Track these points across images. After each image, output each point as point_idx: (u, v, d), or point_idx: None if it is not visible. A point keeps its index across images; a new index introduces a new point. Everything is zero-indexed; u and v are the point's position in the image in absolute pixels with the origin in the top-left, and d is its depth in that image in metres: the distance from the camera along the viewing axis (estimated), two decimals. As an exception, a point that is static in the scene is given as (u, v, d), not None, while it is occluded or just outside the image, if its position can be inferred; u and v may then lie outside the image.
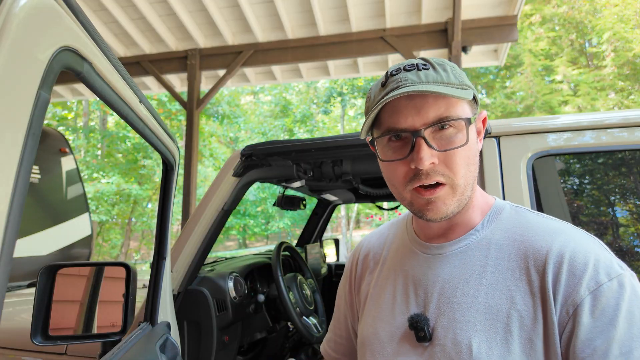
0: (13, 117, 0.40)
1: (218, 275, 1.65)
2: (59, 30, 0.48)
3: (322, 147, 1.42)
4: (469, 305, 0.66)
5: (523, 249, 0.67)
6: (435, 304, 0.69)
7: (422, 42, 4.82)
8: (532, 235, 0.68)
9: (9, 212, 0.39)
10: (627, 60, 11.78)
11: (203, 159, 14.37)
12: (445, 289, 0.69)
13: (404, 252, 0.80)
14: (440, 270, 0.72)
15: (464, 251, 0.71)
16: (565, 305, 0.60)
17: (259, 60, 5.34)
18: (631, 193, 1.12)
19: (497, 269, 0.67)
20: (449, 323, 0.67)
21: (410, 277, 0.75)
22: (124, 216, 13.40)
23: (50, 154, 3.81)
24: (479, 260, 0.69)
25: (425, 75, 0.65)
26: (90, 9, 5.05)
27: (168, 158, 1.09)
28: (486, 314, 0.64)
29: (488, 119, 0.79)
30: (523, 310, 0.63)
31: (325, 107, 15.36)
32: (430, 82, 0.65)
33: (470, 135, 0.66)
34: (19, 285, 2.79)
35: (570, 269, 0.61)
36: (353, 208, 15.95)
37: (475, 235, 0.72)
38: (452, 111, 0.65)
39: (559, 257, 0.63)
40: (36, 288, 0.87)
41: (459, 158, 0.65)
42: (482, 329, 0.64)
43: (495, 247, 0.69)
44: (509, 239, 0.69)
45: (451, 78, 0.66)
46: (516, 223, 0.71)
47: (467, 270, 0.69)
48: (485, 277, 0.67)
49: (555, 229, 0.67)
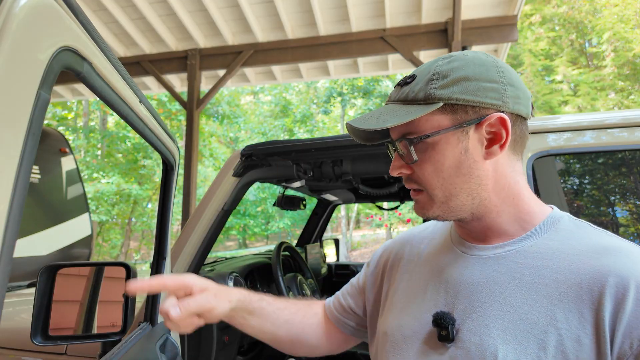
0: (13, 117, 0.40)
1: (218, 275, 1.65)
2: (59, 30, 0.48)
3: (322, 147, 1.43)
4: (503, 312, 0.62)
5: (576, 264, 0.60)
6: (465, 305, 0.66)
7: (422, 42, 4.82)
8: (590, 251, 0.61)
9: (9, 212, 0.39)
10: (627, 60, 11.79)
11: (203, 159, 14.36)
12: (479, 292, 0.65)
13: (442, 248, 0.77)
14: (477, 272, 0.68)
15: (507, 256, 0.66)
16: (630, 337, 0.54)
17: (259, 60, 5.34)
18: (631, 193, 1.12)
19: (541, 281, 0.61)
20: (476, 327, 0.63)
21: (445, 274, 0.72)
22: (124, 216, 13.40)
23: (50, 154, 3.81)
24: (523, 268, 0.64)
25: (400, 92, 0.68)
26: (90, 9, 5.05)
27: (168, 158, 1.09)
28: (520, 325, 0.59)
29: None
30: (564, 329, 0.57)
31: (325, 107, 15.35)
32: (396, 99, 0.68)
33: (437, 149, 0.65)
34: (19, 285, 2.79)
35: (637, 296, 0.55)
36: (353, 208, 15.95)
37: (522, 243, 0.66)
38: (412, 128, 0.66)
39: (624, 280, 0.56)
40: (36, 288, 0.87)
41: (424, 172, 0.67)
42: (512, 339, 0.59)
43: (544, 257, 0.63)
44: (562, 250, 0.63)
45: (417, 94, 0.65)
46: (573, 236, 0.65)
47: (507, 277, 0.64)
48: (526, 286, 0.62)
49: (619, 247, 0.61)
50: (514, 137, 0.66)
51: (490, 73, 0.64)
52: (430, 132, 0.65)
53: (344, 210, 15.56)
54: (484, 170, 0.66)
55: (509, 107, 0.64)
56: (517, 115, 0.66)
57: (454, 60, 0.66)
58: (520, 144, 0.69)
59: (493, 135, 0.65)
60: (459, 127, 0.64)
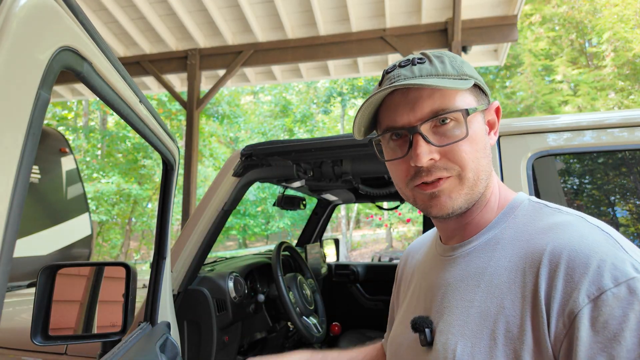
0: (13, 117, 0.40)
1: (218, 275, 1.65)
2: (59, 30, 0.48)
3: (322, 147, 1.43)
4: (464, 309, 0.62)
5: (525, 248, 0.60)
6: (438, 307, 0.67)
7: (422, 42, 4.82)
8: (538, 231, 0.60)
9: (9, 212, 0.39)
10: (627, 60, 11.78)
11: (203, 159, 14.36)
12: (448, 292, 0.66)
13: (429, 256, 0.79)
14: (448, 273, 0.69)
15: (471, 252, 0.67)
16: (562, 315, 0.51)
17: (259, 60, 5.34)
18: (631, 193, 1.12)
19: (497, 271, 0.61)
20: (444, 327, 0.63)
21: (426, 280, 0.74)
22: (124, 216, 13.39)
23: (50, 154, 3.81)
24: (482, 262, 0.64)
25: (420, 69, 0.63)
26: (90, 9, 5.05)
27: (168, 158, 1.09)
28: (476, 319, 0.59)
29: None
30: (510, 316, 0.56)
31: (325, 107, 15.36)
32: (424, 75, 0.62)
33: (473, 127, 0.63)
34: (19, 285, 2.79)
35: (567, 271, 0.52)
36: (353, 208, 15.95)
37: (485, 235, 0.66)
38: (448, 103, 0.61)
39: (556, 256, 0.54)
40: (36, 288, 0.87)
41: (463, 151, 0.61)
42: (469, 334, 0.59)
43: (501, 247, 0.63)
44: (516, 237, 0.62)
45: (448, 69, 0.63)
46: (528, 220, 0.64)
47: (470, 273, 0.65)
48: (484, 279, 0.62)
49: (561, 222, 0.59)
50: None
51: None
52: (476, 105, 0.65)
53: (344, 210, 15.56)
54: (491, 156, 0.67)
55: (490, 99, 0.70)
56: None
57: (445, 54, 0.67)
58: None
59: (491, 122, 0.69)
60: (484, 107, 0.66)
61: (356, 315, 2.98)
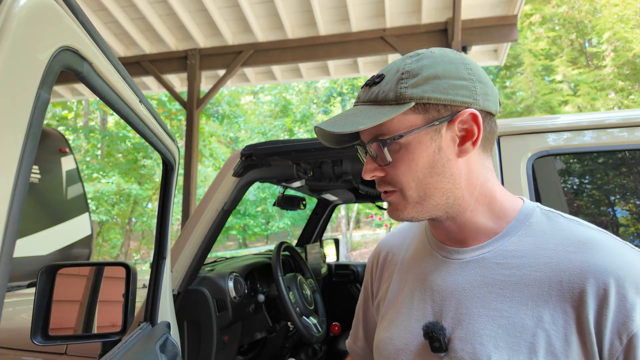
0: (13, 117, 0.40)
1: (218, 275, 1.65)
2: (59, 30, 0.48)
3: (322, 147, 1.43)
4: (491, 318, 0.61)
5: (555, 261, 0.60)
6: (453, 313, 0.65)
7: (422, 42, 4.81)
8: (566, 244, 0.61)
9: (9, 212, 0.39)
10: (627, 60, 11.78)
11: (203, 159, 14.36)
12: (465, 299, 0.65)
13: (422, 254, 0.77)
14: (460, 278, 0.67)
15: (486, 258, 0.66)
16: (618, 333, 0.54)
17: (259, 60, 5.34)
18: (631, 193, 1.12)
19: (523, 281, 0.61)
20: (467, 335, 0.62)
21: (429, 281, 0.72)
22: (124, 216, 13.39)
23: (50, 154, 3.81)
24: (504, 269, 0.63)
25: (369, 93, 0.66)
26: (90, 9, 5.05)
27: (168, 158, 1.09)
28: (509, 330, 0.59)
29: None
30: (551, 330, 0.57)
31: (325, 107, 15.36)
32: (366, 100, 0.66)
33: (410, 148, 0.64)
34: (19, 285, 2.79)
35: (619, 292, 0.55)
36: (353, 208, 15.95)
37: (499, 242, 0.66)
38: (383, 129, 0.64)
39: (603, 278, 0.56)
40: (36, 288, 0.87)
41: (399, 173, 0.65)
42: (504, 345, 0.59)
43: (523, 255, 0.63)
44: (538, 246, 0.63)
45: (389, 94, 0.63)
46: (547, 229, 0.64)
47: (490, 280, 0.64)
48: (510, 288, 0.62)
49: (593, 239, 0.61)
50: (485, 133, 0.66)
51: (459, 70, 0.64)
52: (403, 132, 0.63)
53: (344, 210, 15.56)
54: (457, 169, 0.65)
55: (479, 104, 0.64)
56: (487, 112, 0.66)
57: (423, 58, 0.65)
58: (490, 140, 0.69)
59: (465, 132, 0.64)
60: (431, 126, 0.63)
61: (356, 315, 2.97)
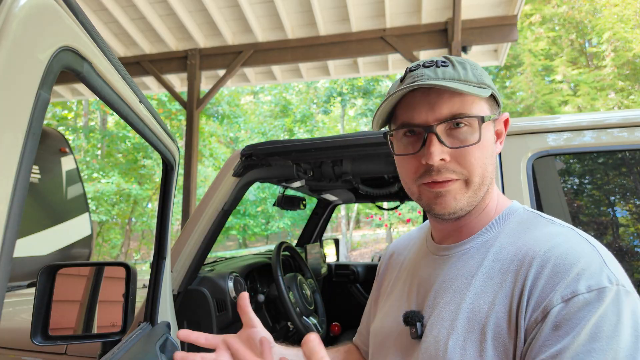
0: (13, 117, 0.40)
1: (218, 275, 1.65)
2: (59, 30, 0.48)
3: (322, 147, 1.43)
4: (456, 305, 0.65)
5: (518, 253, 0.64)
6: (431, 302, 0.71)
7: (422, 42, 4.82)
8: (533, 239, 0.65)
9: (9, 212, 0.39)
10: (627, 60, 11.79)
11: (203, 159, 14.36)
12: (441, 289, 0.70)
13: (420, 254, 0.82)
14: (441, 271, 0.72)
15: (466, 253, 0.71)
16: (537, 311, 0.56)
17: (259, 60, 5.34)
18: (631, 193, 1.12)
19: (490, 272, 0.65)
20: (435, 321, 0.67)
21: (418, 276, 0.77)
22: (124, 216, 13.39)
23: (50, 154, 3.81)
24: (476, 262, 0.68)
25: (443, 72, 0.65)
26: (90, 9, 5.05)
27: (168, 158, 1.09)
28: (468, 315, 0.63)
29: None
30: (500, 313, 0.60)
31: (325, 107, 15.34)
32: (447, 78, 0.64)
33: (485, 134, 0.66)
34: (19, 285, 2.79)
35: (551, 274, 0.57)
36: (353, 208, 15.95)
37: (481, 238, 0.71)
38: (466, 109, 0.65)
39: (545, 259, 0.59)
40: (36, 288, 0.87)
41: (472, 156, 0.65)
42: (461, 328, 0.63)
43: (495, 250, 0.67)
44: (511, 242, 0.67)
45: (469, 76, 0.65)
46: (523, 227, 0.68)
47: (464, 272, 0.68)
48: (477, 279, 0.66)
49: (555, 232, 0.64)
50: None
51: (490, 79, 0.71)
52: (490, 114, 0.68)
53: (344, 210, 15.56)
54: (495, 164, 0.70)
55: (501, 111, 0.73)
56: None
57: (467, 62, 0.70)
58: None
59: (498, 132, 0.72)
60: (497, 117, 0.70)
61: (356, 315, 2.97)
